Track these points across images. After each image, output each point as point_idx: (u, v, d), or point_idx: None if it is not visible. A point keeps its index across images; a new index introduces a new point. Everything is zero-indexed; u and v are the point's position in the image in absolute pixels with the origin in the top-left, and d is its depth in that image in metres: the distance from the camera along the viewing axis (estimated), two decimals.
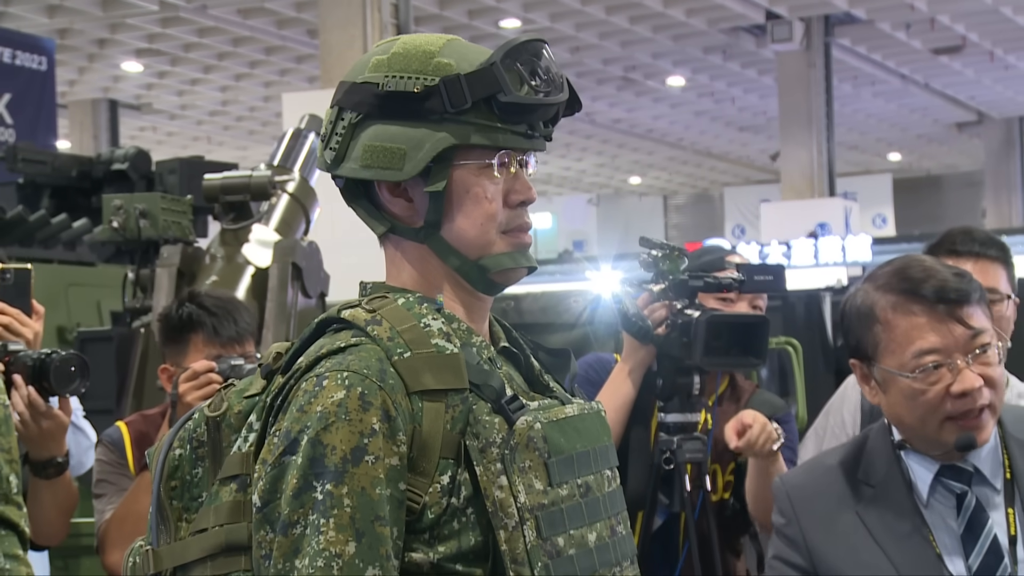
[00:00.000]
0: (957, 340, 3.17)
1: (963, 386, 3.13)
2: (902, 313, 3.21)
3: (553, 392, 2.57)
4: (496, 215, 2.47)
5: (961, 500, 3.25)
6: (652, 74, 29.73)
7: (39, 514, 4.24)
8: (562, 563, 2.35)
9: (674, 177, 43.72)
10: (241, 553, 2.37)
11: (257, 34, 25.15)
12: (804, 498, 3.41)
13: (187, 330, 4.42)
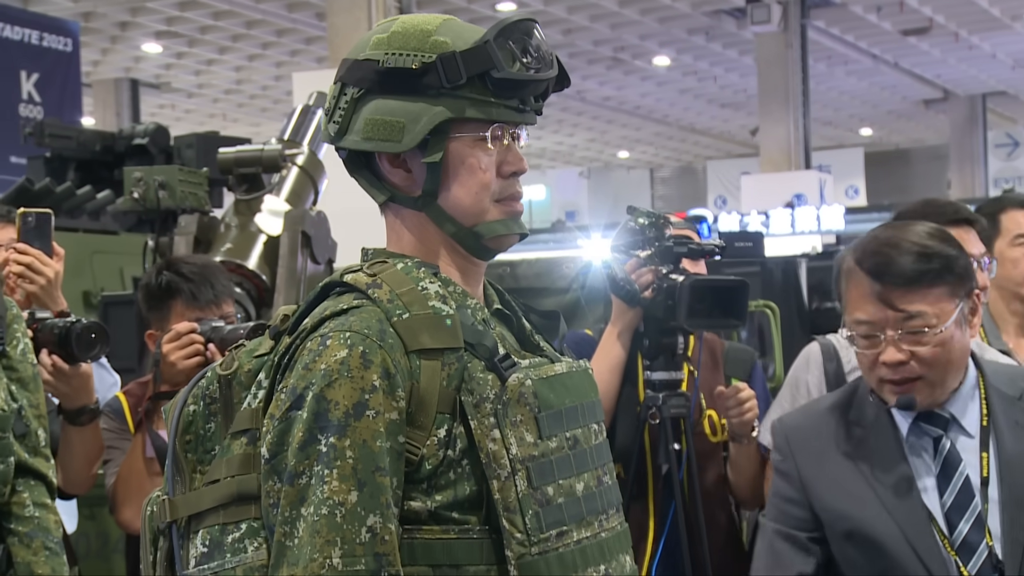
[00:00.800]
0: (888, 317, 3.23)
1: (886, 358, 3.23)
2: (853, 281, 3.32)
3: (543, 351, 2.58)
4: (490, 184, 2.47)
5: (937, 443, 3.31)
6: (639, 54, 29.73)
7: (69, 462, 4.27)
8: (551, 511, 2.35)
9: (660, 151, 43.75)
10: (251, 502, 2.37)
11: (269, 17, 25.15)
12: (800, 437, 3.48)
13: (167, 296, 4.42)
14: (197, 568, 2.40)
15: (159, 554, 2.47)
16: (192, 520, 2.43)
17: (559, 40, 26.65)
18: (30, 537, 3.82)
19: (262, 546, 2.35)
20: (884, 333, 3.23)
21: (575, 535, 2.38)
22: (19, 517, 3.81)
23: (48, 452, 3.96)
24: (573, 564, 2.37)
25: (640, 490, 4.27)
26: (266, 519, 2.33)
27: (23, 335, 3.92)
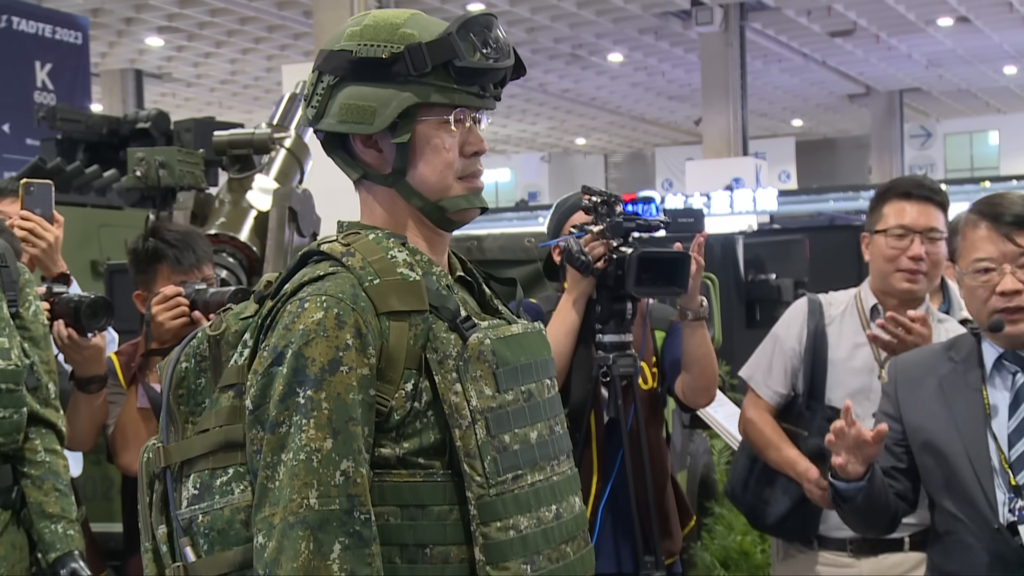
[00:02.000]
0: (1006, 252, 3.42)
1: (1004, 287, 3.40)
2: (972, 229, 3.50)
3: (501, 314, 2.59)
4: (453, 163, 2.47)
5: (1014, 377, 3.48)
6: (595, 51, 29.74)
7: (76, 424, 4.26)
8: (508, 456, 2.36)
9: (613, 139, 43.78)
10: (238, 449, 2.37)
11: (261, 14, 25.12)
12: (905, 368, 3.70)
13: (153, 261, 4.41)
14: (189, 508, 2.40)
15: (155, 496, 2.46)
16: (184, 465, 2.43)
17: (523, 38, 26.67)
18: (42, 480, 3.82)
19: (247, 488, 2.35)
20: (1002, 267, 3.40)
21: (529, 478, 2.40)
22: (32, 462, 3.82)
23: (57, 403, 3.96)
24: (527, 504, 2.38)
25: (589, 440, 4.27)
26: (250, 464, 2.33)
27: (34, 298, 3.92)
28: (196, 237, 4.53)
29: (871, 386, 4.28)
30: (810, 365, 4.41)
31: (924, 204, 4.33)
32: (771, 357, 4.50)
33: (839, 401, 4.18)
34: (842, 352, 4.39)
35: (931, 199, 4.33)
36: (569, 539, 2.46)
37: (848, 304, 4.45)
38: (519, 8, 24.72)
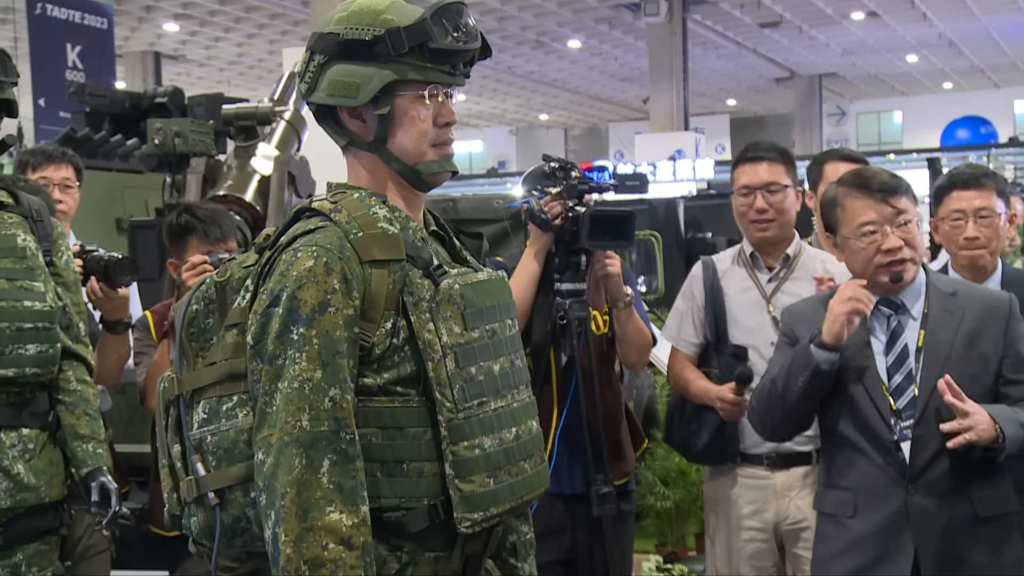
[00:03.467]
0: (887, 214, 3.45)
1: (888, 245, 3.43)
2: (852, 199, 3.51)
3: (469, 263, 2.60)
4: (428, 132, 2.48)
5: (889, 320, 3.54)
6: (557, 38, 29.66)
7: (103, 359, 4.31)
8: (474, 386, 2.39)
9: (572, 115, 43.68)
10: (241, 380, 2.39)
11: (264, 3, 25.00)
12: (797, 314, 3.71)
13: (185, 233, 4.43)
14: (199, 430, 2.42)
15: (170, 420, 2.48)
16: (195, 393, 2.45)
17: (493, 26, 26.57)
18: (74, 406, 3.83)
19: (249, 413, 2.36)
20: (883, 228, 3.43)
21: (492, 404, 2.42)
22: (65, 390, 3.83)
23: (87, 340, 3.97)
24: (491, 427, 2.40)
25: (548, 375, 4.28)
26: (252, 392, 2.35)
27: (66, 248, 3.94)
28: (223, 215, 4.56)
29: (764, 320, 4.38)
30: (712, 314, 4.50)
31: (760, 163, 4.46)
32: (682, 316, 4.60)
33: (739, 338, 4.40)
34: (735, 297, 4.48)
35: (765, 158, 4.46)
36: (527, 457, 2.48)
37: (734, 257, 4.57)
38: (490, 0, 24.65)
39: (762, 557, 4.43)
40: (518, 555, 2.67)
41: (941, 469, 3.37)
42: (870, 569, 3.43)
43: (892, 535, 3.40)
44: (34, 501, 3.70)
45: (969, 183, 4.19)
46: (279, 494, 2.24)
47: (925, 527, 3.36)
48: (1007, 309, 3.50)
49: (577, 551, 4.30)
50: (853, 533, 3.47)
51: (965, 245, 4.17)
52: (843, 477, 3.51)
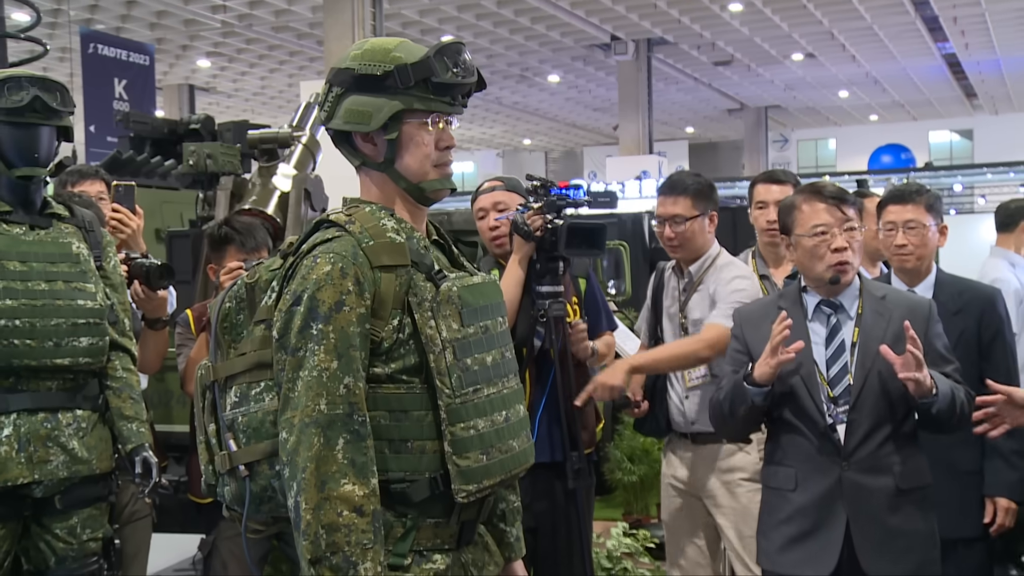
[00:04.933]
0: (836, 219, 3.50)
1: (837, 245, 3.47)
2: (808, 206, 3.54)
3: (466, 268, 2.59)
4: (430, 155, 2.48)
5: (828, 319, 3.57)
6: (539, 73, 29.67)
7: (145, 352, 4.33)
8: (469, 375, 2.39)
9: (552, 140, 43.70)
10: (267, 368, 2.39)
11: (284, 43, 24.94)
12: (748, 315, 3.74)
13: (225, 243, 4.45)
14: (231, 411, 2.42)
15: (206, 402, 2.47)
16: (228, 380, 2.44)
17: (484, 62, 26.56)
18: (120, 390, 3.84)
19: (274, 397, 2.36)
20: (832, 230, 3.47)
21: (485, 391, 2.42)
22: (113, 377, 3.84)
23: (132, 335, 3.98)
24: (484, 410, 2.40)
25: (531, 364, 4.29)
26: (277, 379, 2.35)
27: (113, 255, 3.96)
28: (257, 228, 4.58)
29: (677, 325, 4.53)
30: (654, 315, 4.67)
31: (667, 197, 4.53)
32: (643, 315, 4.76)
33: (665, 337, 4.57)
34: (666, 304, 4.62)
35: (673, 193, 4.51)
36: (515, 436, 2.49)
37: (672, 266, 4.65)
38: (481, 40, 24.63)
39: (688, 512, 4.59)
40: (507, 520, 2.70)
41: (870, 448, 3.41)
42: (808, 536, 3.46)
43: (827, 506, 3.43)
44: (87, 472, 3.71)
45: (902, 198, 4.22)
46: (300, 468, 2.25)
47: (855, 498, 3.40)
48: (927, 312, 3.53)
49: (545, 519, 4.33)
50: (794, 504, 3.49)
51: (895, 251, 4.21)
52: (786, 456, 3.53)
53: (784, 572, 3.51)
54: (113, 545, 3.86)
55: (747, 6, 22.64)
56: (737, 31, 24.94)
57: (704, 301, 4.45)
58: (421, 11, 22.01)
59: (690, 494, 4.56)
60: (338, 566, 2.22)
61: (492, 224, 4.43)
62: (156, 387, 5.27)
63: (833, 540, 3.41)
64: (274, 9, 22.13)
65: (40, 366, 3.61)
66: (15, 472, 3.55)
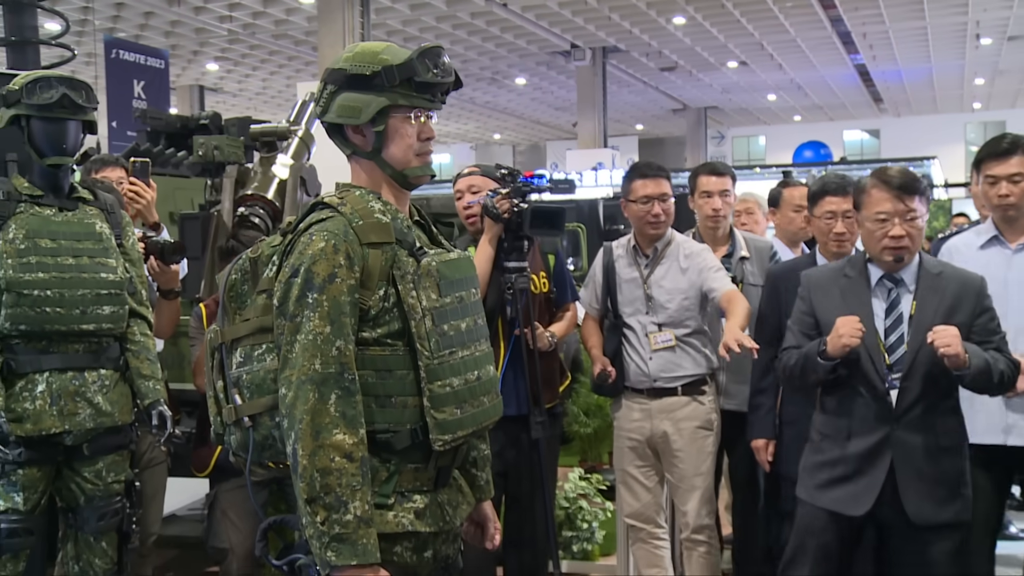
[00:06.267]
0: (898, 209, 3.40)
1: (895, 232, 3.40)
2: (875, 191, 3.44)
3: (443, 245, 2.57)
4: (413, 145, 2.46)
5: (889, 292, 3.48)
6: (507, 76, 29.59)
7: (160, 319, 4.31)
8: (446, 339, 2.37)
9: (519, 135, 43.62)
10: (269, 332, 2.36)
11: (283, 49, 24.76)
12: (815, 280, 3.65)
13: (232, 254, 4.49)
14: (237, 370, 2.40)
15: (215, 362, 2.45)
16: (234, 342, 2.42)
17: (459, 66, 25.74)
18: (138, 352, 3.83)
19: (275, 358, 2.34)
20: (893, 219, 3.39)
21: (460, 353, 2.40)
22: (132, 341, 3.82)
23: (148, 304, 3.97)
24: (458, 370, 2.39)
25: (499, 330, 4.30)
26: (277, 342, 2.33)
27: (132, 233, 3.94)
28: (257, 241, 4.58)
29: (640, 296, 4.51)
30: (605, 288, 4.63)
31: (655, 179, 4.53)
32: (589, 287, 4.72)
33: (622, 306, 4.55)
34: (623, 276, 4.59)
35: (658, 175, 4.53)
36: (485, 393, 2.48)
37: (626, 246, 4.64)
38: (457, 47, 24.51)
39: (641, 460, 4.63)
40: (478, 466, 2.69)
41: (918, 412, 3.37)
42: (849, 480, 3.44)
43: (875, 456, 3.40)
44: (110, 424, 3.72)
45: (839, 190, 4.18)
46: (298, 419, 2.23)
47: (901, 453, 3.37)
48: (978, 288, 3.47)
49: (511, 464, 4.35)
50: (843, 451, 3.46)
51: (835, 239, 4.19)
52: (841, 410, 3.49)
53: (821, 505, 3.51)
54: (134, 487, 3.87)
55: (689, 20, 22.70)
56: (681, 41, 24.96)
57: (672, 272, 4.48)
58: (404, 21, 21.94)
59: (642, 442, 4.58)
60: (331, 504, 2.21)
61: (466, 204, 4.44)
62: (170, 350, 5.24)
63: (872, 487, 3.39)
64: (274, 19, 22.06)
65: (68, 331, 3.62)
66: (48, 423, 3.58)
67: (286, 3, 20.95)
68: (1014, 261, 3.94)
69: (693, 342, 4.50)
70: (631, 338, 4.53)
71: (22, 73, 3.68)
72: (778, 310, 4.22)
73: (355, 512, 2.22)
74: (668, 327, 4.47)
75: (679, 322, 4.47)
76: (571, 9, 22.02)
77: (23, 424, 3.54)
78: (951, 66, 28.71)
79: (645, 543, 4.67)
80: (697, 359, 4.50)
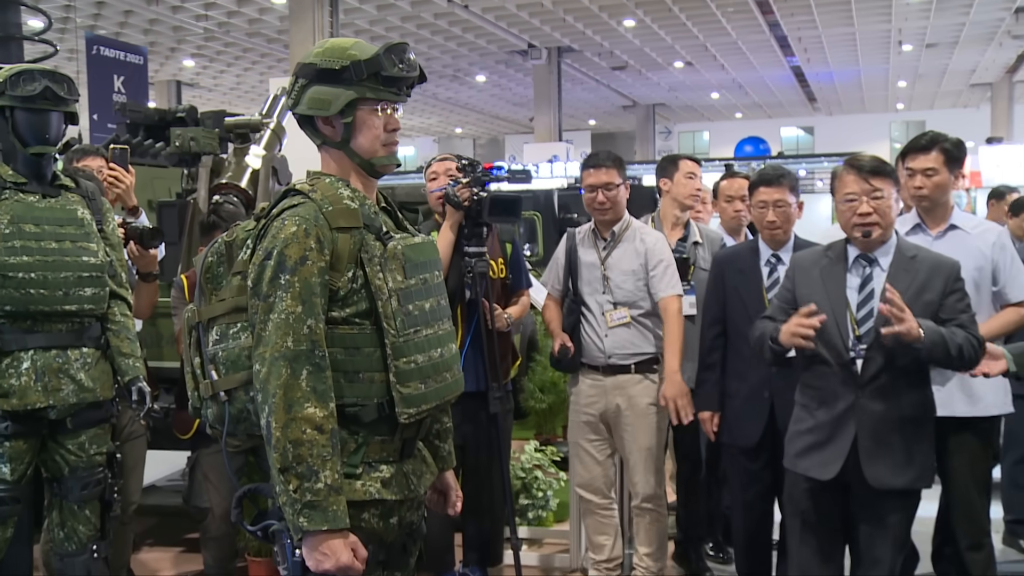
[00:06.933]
0: (864, 189, 3.42)
1: (862, 210, 3.41)
2: (846, 175, 3.47)
3: (408, 230, 2.56)
4: (380, 136, 2.44)
5: (864, 269, 3.49)
6: (469, 74, 29.50)
7: (139, 300, 4.25)
8: (411, 318, 2.36)
9: (479, 129, 43.49)
10: (243, 312, 2.34)
11: (255, 46, 24.51)
12: (800, 261, 3.66)
13: (213, 228, 4.56)
14: (213, 347, 2.38)
15: (192, 339, 2.43)
16: (210, 321, 2.40)
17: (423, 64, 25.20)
18: (119, 331, 3.79)
19: (249, 336, 2.32)
20: (861, 198, 3.41)
21: (424, 332, 2.39)
22: (112, 320, 3.79)
23: (128, 286, 3.92)
24: (423, 347, 2.38)
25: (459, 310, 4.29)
26: (251, 321, 2.30)
27: (112, 219, 3.89)
28: (240, 216, 4.55)
29: (598, 276, 4.52)
30: (567, 270, 4.63)
31: (598, 168, 4.53)
32: (552, 269, 4.72)
33: (582, 287, 4.56)
34: (584, 259, 4.59)
35: (603, 165, 4.53)
36: (447, 369, 2.47)
37: (586, 231, 4.65)
38: (420, 46, 24.38)
39: (594, 433, 4.64)
40: (441, 438, 2.69)
41: (883, 380, 3.38)
42: (822, 446, 3.45)
43: (842, 423, 3.42)
44: (92, 399, 3.69)
45: (771, 181, 4.20)
46: (271, 394, 2.22)
47: (866, 420, 3.39)
48: (949, 271, 3.47)
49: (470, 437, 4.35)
50: (815, 420, 3.48)
51: (767, 226, 4.21)
52: (814, 379, 3.51)
53: (799, 471, 3.53)
54: (115, 458, 3.84)
55: (638, 22, 22.74)
56: (631, 42, 25.00)
57: (627, 255, 4.51)
58: (371, 21, 21.82)
59: (596, 417, 4.59)
60: (303, 474, 2.20)
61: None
62: (148, 330, 5.18)
63: (839, 452, 3.41)
64: (248, 18, 21.87)
65: (52, 311, 3.58)
66: (33, 398, 3.55)
67: (259, 3, 20.76)
68: (935, 246, 4.02)
69: (646, 322, 4.52)
70: (589, 317, 4.55)
71: (6, 67, 3.62)
72: (722, 292, 4.27)
73: (325, 481, 2.21)
74: (623, 306, 4.49)
75: (632, 303, 4.49)
76: (528, 11, 22.00)
77: (9, 399, 3.51)
78: (877, 70, 29.07)
79: (595, 513, 4.70)
80: (649, 338, 4.52)
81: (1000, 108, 31.05)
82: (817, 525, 3.55)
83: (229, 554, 4.65)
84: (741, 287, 4.22)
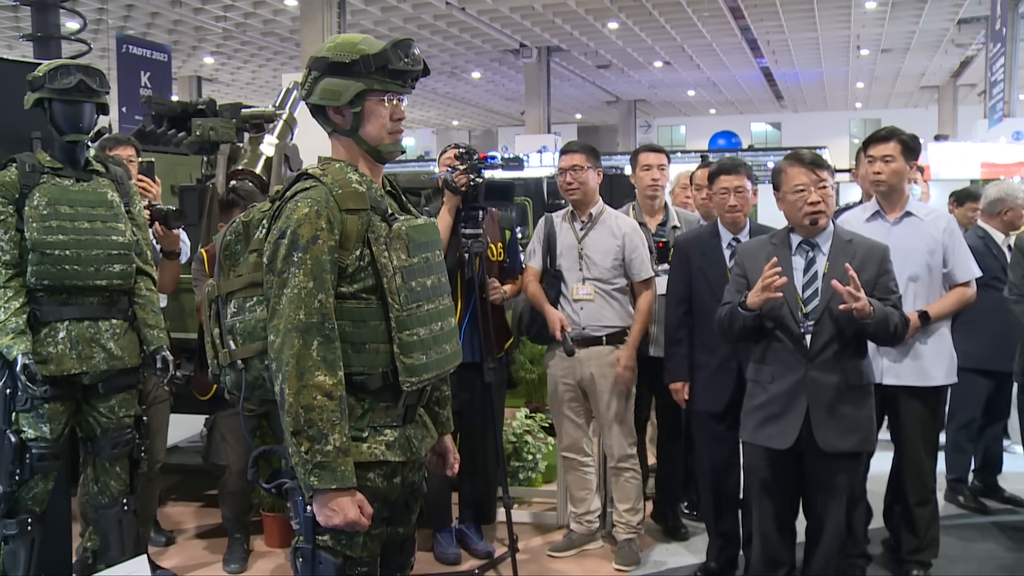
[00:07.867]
0: (812, 179, 3.43)
1: (811, 199, 3.42)
2: (793, 168, 3.47)
3: (412, 212, 2.53)
4: (386, 124, 2.40)
5: (807, 253, 3.50)
6: (465, 71, 29.42)
7: (163, 277, 4.26)
8: (414, 294, 2.34)
9: (474, 121, 43.37)
10: (259, 286, 2.32)
11: (269, 44, 24.43)
12: (746, 250, 3.66)
13: (232, 206, 4.50)
14: (231, 319, 2.36)
15: (211, 312, 2.41)
16: (228, 295, 2.37)
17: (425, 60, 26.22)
18: (144, 305, 3.79)
19: (264, 309, 2.30)
20: (809, 189, 3.42)
21: (425, 307, 2.37)
22: (139, 295, 3.78)
23: (152, 263, 3.91)
24: (424, 321, 2.36)
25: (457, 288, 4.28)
26: (266, 295, 2.28)
27: (139, 202, 3.88)
28: (257, 195, 4.54)
29: (575, 255, 4.50)
30: (546, 248, 4.59)
31: (567, 154, 4.55)
32: (533, 247, 4.66)
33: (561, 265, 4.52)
34: (562, 239, 4.56)
35: (572, 151, 4.55)
36: (447, 341, 2.45)
37: (564, 214, 4.62)
38: (421, 45, 23.75)
39: (572, 400, 4.62)
40: (440, 405, 2.67)
41: (828, 354, 3.40)
42: (778, 417, 3.46)
43: (794, 395, 3.43)
44: (120, 367, 3.69)
45: (731, 170, 4.19)
46: (284, 363, 2.20)
47: (815, 391, 3.41)
48: (881, 254, 3.50)
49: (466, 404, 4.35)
50: (769, 393, 3.49)
51: (729, 210, 4.20)
52: (767, 356, 3.51)
53: (758, 443, 3.53)
54: (142, 421, 3.85)
55: (621, 25, 22.70)
56: (614, 43, 24.95)
57: (603, 236, 4.48)
58: (376, 22, 21.75)
59: (573, 385, 4.59)
60: (313, 436, 2.19)
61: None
62: (172, 304, 5.17)
63: (794, 422, 3.42)
64: (263, 19, 21.80)
65: (84, 285, 3.59)
66: (68, 364, 3.57)
67: (273, 4, 20.67)
68: (892, 232, 4.03)
69: (619, 297, 4.51)
70: (566, 293, 4.54)
71: (44, 63, 3.63)
72: (687, 272, 4.26)
73: (334, 443, 2.20)
74: (595, 282, 4.47)
75: (607, 279, 4.47)
76: (520, 13, 21.93)
77: (47, 365, 3.54)
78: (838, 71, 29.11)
79: (576, 470, 4.71)
80: (621, 313, 4.51)
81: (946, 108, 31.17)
82: (775, 489, 3.57)
83: (245, 508, 4.66)
84: (706, 267, 4.20)
